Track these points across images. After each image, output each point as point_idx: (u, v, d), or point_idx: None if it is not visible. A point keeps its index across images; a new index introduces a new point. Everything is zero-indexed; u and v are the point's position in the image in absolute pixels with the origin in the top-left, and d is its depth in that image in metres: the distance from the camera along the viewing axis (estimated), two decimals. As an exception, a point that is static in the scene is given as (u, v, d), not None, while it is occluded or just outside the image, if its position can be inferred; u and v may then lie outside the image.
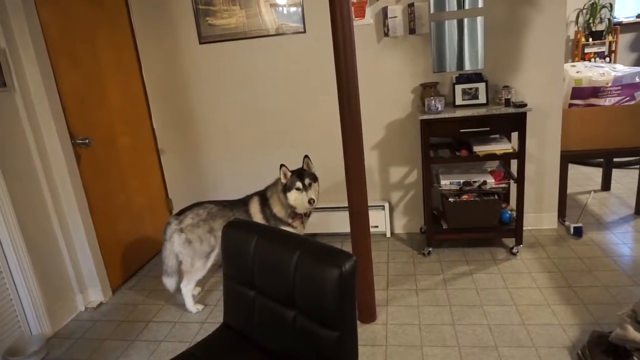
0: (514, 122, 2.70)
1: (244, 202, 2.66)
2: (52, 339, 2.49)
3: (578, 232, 3.06)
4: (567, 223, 3.19)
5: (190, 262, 2.53)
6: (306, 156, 2.49)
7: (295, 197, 2.45)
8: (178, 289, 2.64)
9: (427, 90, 2.97)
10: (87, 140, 2.73)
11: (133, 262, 3.22)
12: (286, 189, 2.46)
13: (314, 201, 2.42)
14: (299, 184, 2.42)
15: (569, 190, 3.24)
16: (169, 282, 2.61)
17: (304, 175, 2.44)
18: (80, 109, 2.74)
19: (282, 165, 2.43)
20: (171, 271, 2.59)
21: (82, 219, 2.67)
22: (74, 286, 2.72)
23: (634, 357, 1.70)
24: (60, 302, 2.62)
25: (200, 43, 3.25)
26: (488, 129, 2.75)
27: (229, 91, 3.32)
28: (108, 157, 2.99)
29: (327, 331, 1.22)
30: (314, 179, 2.48)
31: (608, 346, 1.87)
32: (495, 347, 2.09)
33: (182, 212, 2.59)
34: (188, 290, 2.60)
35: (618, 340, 1.84)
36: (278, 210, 2.56)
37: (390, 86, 3.11)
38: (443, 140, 3.07)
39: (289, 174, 2.44)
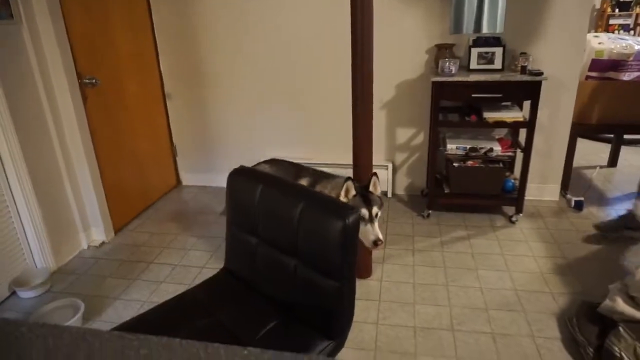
0: (528, 90, 2.65)
1: None
2: (55, 274, 2.56)
3: (579, 205, 3.08)
4: (568, 196, 3.20)
5: None
6: (374, 174, 1.93)
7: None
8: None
9: (442, 51, 2.89)
10: (94, 80, 2.69)
11: (136, 204, 3.26)
12: None
13: (381, 242, 1.82)
14: (364, 212, 1.82)
15: (574, 164, 3.23)
16: None
17: (371, 200, 1.86)
18: (87, 49, 2.68)
19: (349, 179, 1.84)
20: None
21: (87, 159, 2.68)
22: (78, 224, 2.76)
23: (620, 328, 1.75)
24: (64, 238, 2.67)
25: (212, -13, 3.14)
26: (500, 95, 2.71)
27: (239, 43, 3.24)
28: (114, 99, 2.96)
29: (327, 281, 1.25)
30: (381, 206, 1.92)
31: (596, 316, 1.92)
32: (485, 310, 2.15)
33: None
34: None
35: (606, 312, 1.89)
36: None
37: (404, 45, 3.03)
38: (453, 104, 3.02)
39: (353, 192, 1.86)
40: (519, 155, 2.93)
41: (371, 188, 1.91)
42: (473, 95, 2.69)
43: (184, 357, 0.77)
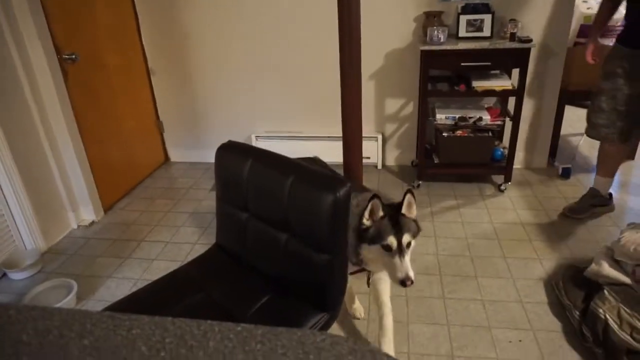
0: (517, 57, 2.63)
1: None
2: (46, 254, 2.55)
3: (566, 173, 3.11)
4: (556, 164, 3.23)
5: None
6: (410, 191, 1.47)
7: (376, 258, 1.43)
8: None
9: (430, 19, 2.84)
10: (73, 56, 2.61)
11: (124, 183, 3.22)
12: (365, 234, 1.41)
13: (412, 282, 1.36)
14: (391, 240, 1.37)
15: (562, 132, 3.25)
16: None
17: (402, 225, 1.40)
18: (65, 22, 2.58)
19: (374, 196, 1.39)
20: None
21: (70, 137, 2.62)
22: (66, 204, 2.73)
23: (605, 291, 1.79)
24: (52, 219, 2.64)
25: (193, -46, 3.02)
26: (489, 63, 2.69)
27: (226, 15, 3.14)
28: (96, 75, 2.88)
29: (318, 254, 1.25)
30: (416, 234, 1.45)
31: (582, 280, 1.97)
32: (475, 277, 2.19)
33: None
34: None
35: (592, 275, 1.94)
36: None
37: (392, 14, 2.97)
38: (442, 73, 2.99)
39: (381, 213, 1.42)
40: (508, 124, 2.93)
41: (404, 209, 1.45)
42: (462, 63, 2.67)
43: (177, 335, 0.77)
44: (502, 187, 2.98)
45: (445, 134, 2.90)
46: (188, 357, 0.73)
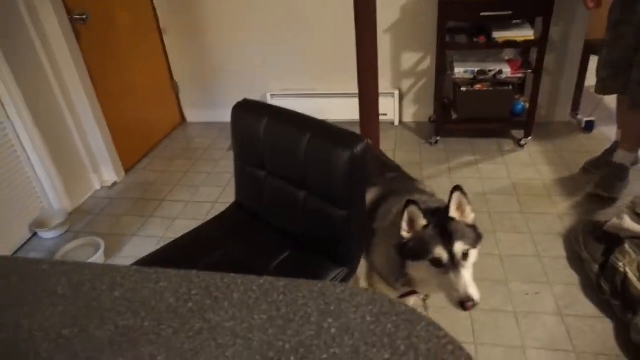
0: (541, 5, 2.51)
1: None
2: (72, 214, 2.63)
3: (589, 126, 3.03)
4: (579, 117, 3.14)
5: None
6: (458, 188, 1.15)
7: (427, 278, 1.17)
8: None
9: (449, -34, 2.71)
10: (84, 16, 2.58)
11: (143, 144, 3.26)
12: (407, 249, 1.16)
13: (474, 303, 1.06)
14: (439, 252, 1.10)
15: (586, 84, 3.13)
16: None
17: (452, 231, 1.12)
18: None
19: (410, 202, 1.12)
20: None
21: (88, 99, 2.64)
22: (88, 165, 2.79)
23: (626, 245, 1.78)
24: (76, 180, 2.71)
25: None
26: (511, 12, 2.57)
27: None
28: (108, 36, 2.86)
29: (337, 211, 1.27)
30: (475, 241, 1.16)
31: (602, 235, 1.95)
32: (493, 232, 2.20)
33: None
34: None
35: (613, 229, 1.93)
36: (379, 262, 1.40)
37: (409, -39, 2.83)
38: (460, 25, 2.88)
39: (423, 222, 1.14)
40: (529, 76, 2.84)
41: (453, 212, 1.16)
42: (482, 13, 2.56)
43: (202, 287, 0.81)
44: (522, 142, 2.92)
45: (463, 89, 2.83)
46: (214, 308, 0.76)
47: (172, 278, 0.83)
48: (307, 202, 1.37)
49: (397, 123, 3.36)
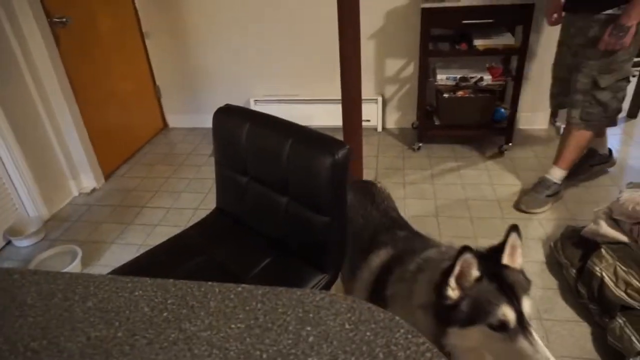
0: (520, 13, 2.55)
1: None
2: (49, 222, 2.57)
3: (568, 132, 3.08)
4: (557, 124, 3.20)
5: None
6: (514, 227, 1.02)
7: (481, 345, 0.93)
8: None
9: (431, -25, 2.74)
10: (64, 19, 2.54)
11: (123, 149, 3.21)
12: (455, 313, 0.93)
13: None
14: (505, 313, 0.89)
15: (565, 91, 3.19)
16: None
17: (513, 283, 0.95)
18: (53, -17, 2.50)
19: (465, 249, 0.92)
20: None
21: (67, 103, 2.59)
22: (66, 171, 2.73)
23: (602, 249, 1.81)
24: (53, 186, 2.65)
25: None
26: (492, 21, 2.61)
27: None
28: (89, 39, 2.81)
29: (318, 217, 1.26)
30: (529, 293, 0.98)
31: (579, 240, 1.98)
32: (475, 238, 2.22)
33: None
34: None
35: (590, 234, 1.96)
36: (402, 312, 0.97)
37: (392, -31, 2.87)
38: (443, 32, 2.91)
39: (476, 273, 0.94)
40: (510, 84, 2.89)
41: (506, 259, 1.00)
42: (464, 21, 2.59)
43: (178, 296, 0.79)
44: (503, 148, 2.96)
45: (446, 95, 2.86)
46: (190, 317, 0.74)
47: (147, 287, 0.81)
48: (289, 208, 1.36)
49: (380, 129, 3.38)
